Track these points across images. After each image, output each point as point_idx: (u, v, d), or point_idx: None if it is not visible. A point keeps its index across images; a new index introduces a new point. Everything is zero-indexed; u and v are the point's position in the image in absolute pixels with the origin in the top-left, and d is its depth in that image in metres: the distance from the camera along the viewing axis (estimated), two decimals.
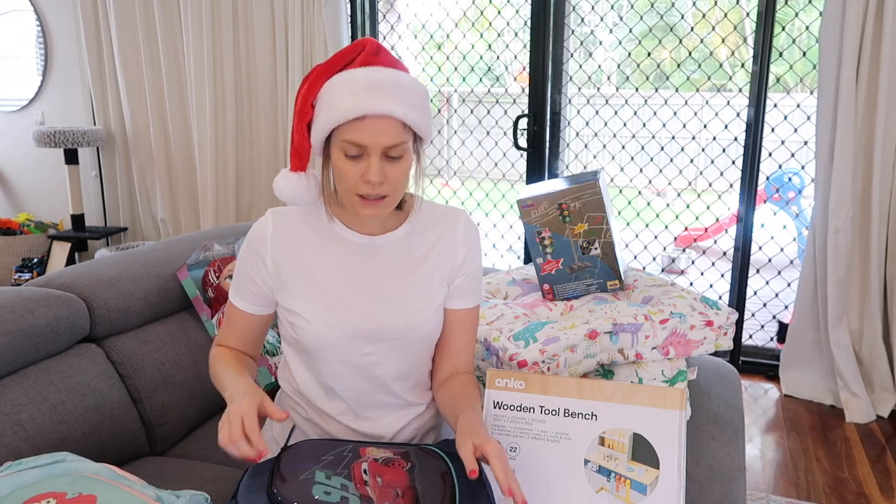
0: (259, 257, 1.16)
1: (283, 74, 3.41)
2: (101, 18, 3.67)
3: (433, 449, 1.08)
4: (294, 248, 1.16)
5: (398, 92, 1.01)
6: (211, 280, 1.80)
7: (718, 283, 3.86)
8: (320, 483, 0.94)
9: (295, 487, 0.92)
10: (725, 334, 1.53)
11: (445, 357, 1.25)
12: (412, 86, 1.04)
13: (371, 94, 1.00)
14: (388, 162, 1.04)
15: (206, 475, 1.43)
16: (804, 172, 4.69)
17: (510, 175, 4.00)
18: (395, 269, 1.17)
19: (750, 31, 5.39)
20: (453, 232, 1.21)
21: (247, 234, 2.03)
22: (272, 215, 1.17)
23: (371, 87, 1.00)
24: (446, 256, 1.20)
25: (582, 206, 1.58)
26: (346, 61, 1.05)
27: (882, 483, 2.30)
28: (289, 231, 1.16)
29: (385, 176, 1.04)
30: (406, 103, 1.02)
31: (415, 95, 1.04)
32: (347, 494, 0.92)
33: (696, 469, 1.41)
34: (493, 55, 5.93)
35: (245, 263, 1.18)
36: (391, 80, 1.02)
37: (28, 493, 0.97)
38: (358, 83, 1.01)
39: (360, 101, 0.99)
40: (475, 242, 1.23)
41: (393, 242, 1.18)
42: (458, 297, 1.23)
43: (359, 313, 1.15)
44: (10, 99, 4.06)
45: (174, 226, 3.88)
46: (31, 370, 1.39)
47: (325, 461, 0.99)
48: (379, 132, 1.01)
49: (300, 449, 1.01)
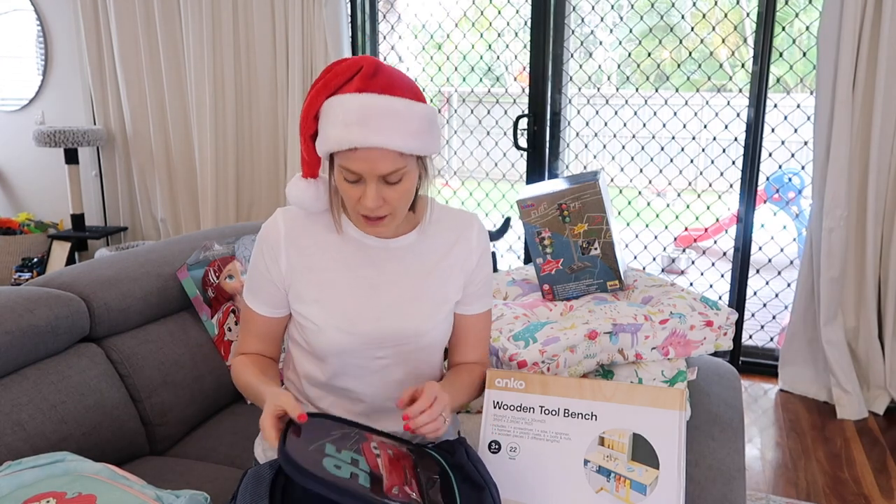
0: (273, 258, 1.14)
1: (283, 74, 3.42)
2: (101, 18, 3.67)
3: (431, 454, 1.07)
4: (306, 248, 1.15)
5: (393, 122, 0.98)
6: (211, 280, 1.80)
7: (718, 283, 3.86)
8: (330, 456, 0.91)
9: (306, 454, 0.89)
10: (725, 334, 1.54)
11: (457, 357, 1.26)
12: (409, 112, 1.00)
13: (362, 127, 0.97)
14: (386, 185, 1.03)
15: (206, 475, 1.43)
16: (804, 173, 4.69)
17: (510, 175, 4.00)
18: (407, 273, 1.17)
19: (750, 31, 5.39)
20: (467, 238, 1.20)
21: (243, 234, 2.04)
22: (282, 215, 1.15)
23: (363, 118, 0.97)
24: (461, 262, 1.20)
25: (582, 206, 1.58)
26: (341, 82, 1.01)
27: (882, 483, 2.30)
28: (300, 231, 1.15)
29: (383, 200, 1.04)
30: (402, 132, 0.98)
31: (413, 122, 1.00)
32: (357, 470, 0.90)
33: (696, 469, 1.41)
34: (493, 55, 5.93)
35: (259, 266, 1.16)
36: (385, 110, 0.97)
37: (28, 492, 0.97)
38: (349, 114, 0.97)
39: (351, 133, 0.97)
40: (487, 248, 1.23)
41: (406, 246, 1.17)
42: (470, 302, 1.23)
43: (371, 319, 1.14)
44: (10, 99, 4.06)
45: (174, 226, 3.88)
46: (30, 370, 1.39)
47: (334, 436, 0.98)
48: (373, 162, 0.99)
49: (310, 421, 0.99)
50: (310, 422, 0.99)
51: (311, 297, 1.14)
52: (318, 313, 1.13)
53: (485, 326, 1.26)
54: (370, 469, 0.92)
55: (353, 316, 1.13)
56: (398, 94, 1.00)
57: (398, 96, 1.00)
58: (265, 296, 1.17)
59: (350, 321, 1.13)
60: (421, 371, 1.21)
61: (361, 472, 0.90)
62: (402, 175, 1.03)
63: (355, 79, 0.99)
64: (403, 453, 1.01)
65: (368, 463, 0.93)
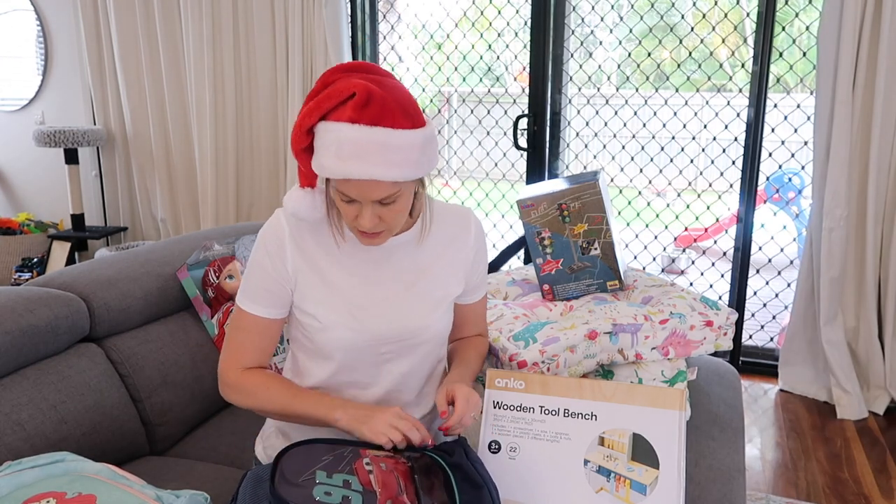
0: (278, 257, 1.13)
1: (283, 74, 3.42)
2: (101, 18, 3.66)
3: (431, 456, 1.07)
4: (308, 248, 1.15)
5: (387, 155, 0.97)
6: (211, 280, 1.80)
7: (718, 283, 3.86)
8: (321, 483, 0.93)
9: (296, 489, 0.92)
10: (725, 334, 1.53)
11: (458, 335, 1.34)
12: (403, 143, 0.99)
13: (356, 161, 0.97)
14: (382, 206, 1.04)
15: (206, 475, 1.43)
16: (804, 173, 4.69)
17: (510, 175, 4.00)
18: (407, 269, 1.18)
19: (750, 31, 5.39)
20: (465, 232, 1.24)
21: (243, 234, 2.04)
22: (284, 214, 1.15)
23: (356, 153, 0.97)
24: (461, 257, 1.23)
25: (582, 206, 1.58)
26: (333, 105, 0.99)
27: (882, 483, 2.30)
28: (302, 231, 1.15)
29: (379, 219, 1.05)
30: (397, 164, 0.98)
31: (408, 152, 0.99)
32: (349, 492, 0.92)
33: (696, 469, 1.41)
34: (493, 55, 5.93)
35: (260, 266, 1.15)
36: (379, 143, 0.97)
37: (28, 492, 0.97)
38: (343, 147, 0.97)
39: (346, 166, 0.97)
40: (483, 240, 1.28)
41: (405, 243, 1.19)
42: (470, 293, 1.29)
43: (374, 316, 1.15)
44: (10, 99, 4.06)
45: (174, 226, 3.88)
46: (30, 370, 1.39)
47: (325, 461, 0.99)
48: (368, 190, 1.00)
49: (299, 450, 1.01)
50: (299, 450, 1.00)
51: (315, 296, 1.14)
52: (323, 312, 1.14)
53: (483, 308, 1.35)
54: (363, 488, 0.93)
55: (357, 313, 1.14)
56: (391, 125, 0.98)
57: (391, 127, 0.98)
58: (268, 297, 1.15)
59: (354, 318, 1.14)
60: (425, 362, 1.23)
61: (354, 494, 0.92)
62: (398, 197, 1.04)
63: (348, 106, 0.97)
64: (398, 463, 1.01)
65: (361, 481, 0.94)
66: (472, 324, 1.34)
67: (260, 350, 1.18)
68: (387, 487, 0.94)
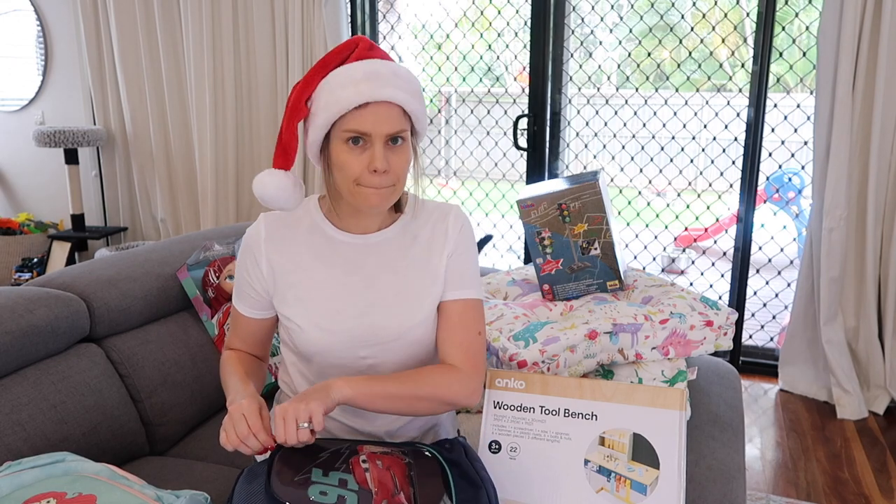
0: (255, 262, 1.17)
1: (283, 74, 3.41)
2: (101, 18, 3.67)
3: (429, 451, 1.07)
4: (287, 252, 1.16)
5: (397, 80, 1.04)
6: (211, 280, 1.80)
7: (718, 283, 3.86)
8: (317, 482, 0.93)
9: (291, 489, 0.91)
10: (725, 334, 1.54)
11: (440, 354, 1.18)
12: (409, 76, 1.07)
13: (371, 83, 1.02)
14: (390, 150, 1.05)
15: (206, 475, 1.43)
16: (804, 172, 4.69)
17: (510, 175, 4.00)
18: (388, 268, 1.17)
19: (750, 31, 5.39)
20: (444, 224, 1.19)
21: (243, 234, 2.04)
22: (264, 219, 1.18)
23: (370, 76, 1.02)
24: (439, 250, 1.18)
25: (582, 206, 1.58)
26: (340, 59, 1.06)
27: (882, 483, 2.30)
28: (281, 235, 1.16)
29: (389, 164, 1.05)
30: (405, 91, 1.05)
31: (412, 85, 1.07)
32: (345, 492, 0.92)
33: (696, 469, 1.41)
34: (493, 55, 5.93)
35: (242, 269, 1.20)
36: (389, 70, 1.04)
37: (28, 492, 0.97)
38: (357, 74, 1.03)
39: (361, 89, 1.02)
40: (465, 232, 1.19)
41: (387, 240, 1.18)
42: (448, 288, 1.17)
43: (352, 318, 1.14)
44: (10, 99, 4.06)
45: (174, 226, 3.88)
46: (31, 370, 1.39)
47: (322, 459, 0.99)
48: (381, 119, 1.03)
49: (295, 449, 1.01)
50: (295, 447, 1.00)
51: (292, 298, 1.15)
52: (300, 313, 1.15)
53: (463, 320, 1.16)
54: (359, 486, 0.93)
55: (334, 314, 1.14)
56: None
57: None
58: (249, 299, 1.20)
59: (331, 319, 1.14)
60: (408, 367, 1.18)
61: (349, 493, 0.91)
62: (405, 140, 1.07)
63: (354, 53, 1.06)
64: (395, 460, 1.00)
65: (357, 480, 0.94)
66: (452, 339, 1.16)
67: (246, 342, 1.25)
68: (383, 486, 0.94)
